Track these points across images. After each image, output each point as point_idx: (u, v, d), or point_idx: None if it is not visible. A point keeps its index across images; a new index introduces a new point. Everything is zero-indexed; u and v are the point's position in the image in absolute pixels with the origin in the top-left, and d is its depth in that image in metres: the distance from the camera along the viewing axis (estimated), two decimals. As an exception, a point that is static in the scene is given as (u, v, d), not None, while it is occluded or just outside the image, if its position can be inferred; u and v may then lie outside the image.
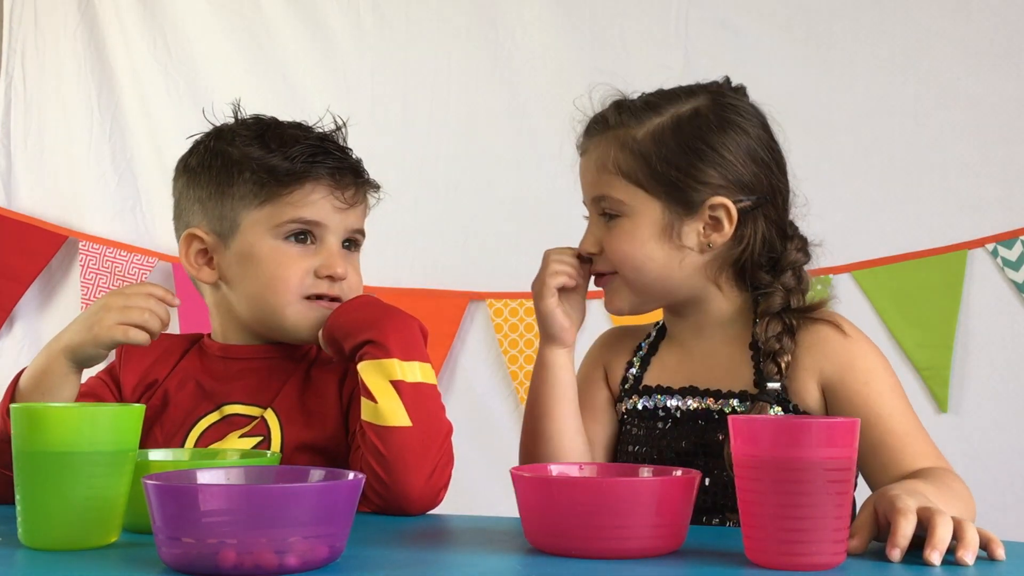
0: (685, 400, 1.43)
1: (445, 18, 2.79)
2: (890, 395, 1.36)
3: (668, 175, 1.38)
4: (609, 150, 1.41)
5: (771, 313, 1.39)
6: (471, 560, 1.05)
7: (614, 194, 1.40)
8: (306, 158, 1.45)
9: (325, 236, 1.47)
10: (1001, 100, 2.51)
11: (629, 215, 1.40)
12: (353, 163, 1.52)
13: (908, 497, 1.03)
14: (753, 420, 1.02)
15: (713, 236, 1.40)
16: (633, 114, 1.42)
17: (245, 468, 1.07)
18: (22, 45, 2.97)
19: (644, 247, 1.40)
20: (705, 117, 1.41)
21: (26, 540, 1.07)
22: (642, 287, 1.42)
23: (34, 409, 1.09)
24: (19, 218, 2.91)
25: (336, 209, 1.47)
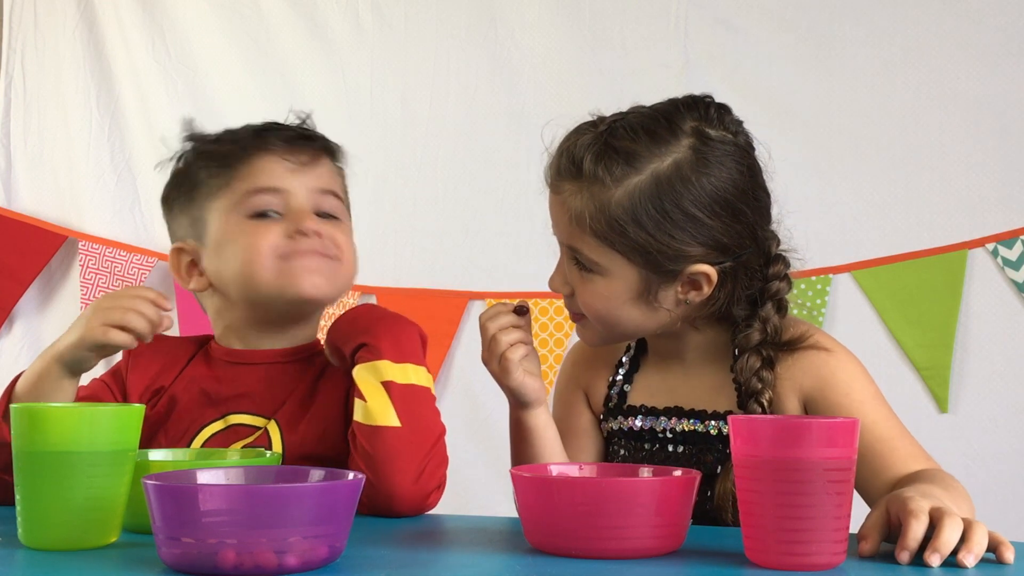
0: (671, 421, 1.41)
1: (445, 18, 2.79)
2: (872, 403, 1.34)
3: (647, 246, 1.29)
4: (583, 205, 1.31)
5: (749, 348, 1.35)
6: (471, 560, 1.05)
7: (588, 253, 1.32)
8: (252, 133, 1.47)
9: (289, 202, 1.43)
10: (1001, 100, 2.51)
11: (603, 275, 1.32)
12: (304, 130, 1.51)
13: (922, 499, 1.02)
14: (753, 420, 1.02)
15: (691, 294, 1.33)
16: (609, 168, 1.29)
17: (245, 468, 1.07)
18: (22, 45, 2.97)
19: (619, 308, 1.33)
20: (686, 176, 1.29)
21: (26, 540, 1.07)
22: (619, 334, 1.39)
23: (34, 409, 1.09)
24: (19, 218, 2.91)
25: (290, 171, 1.44)
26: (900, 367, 2.52)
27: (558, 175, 1.36)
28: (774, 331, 1.35)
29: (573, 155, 1.34)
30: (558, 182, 1.36)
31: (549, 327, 2.66)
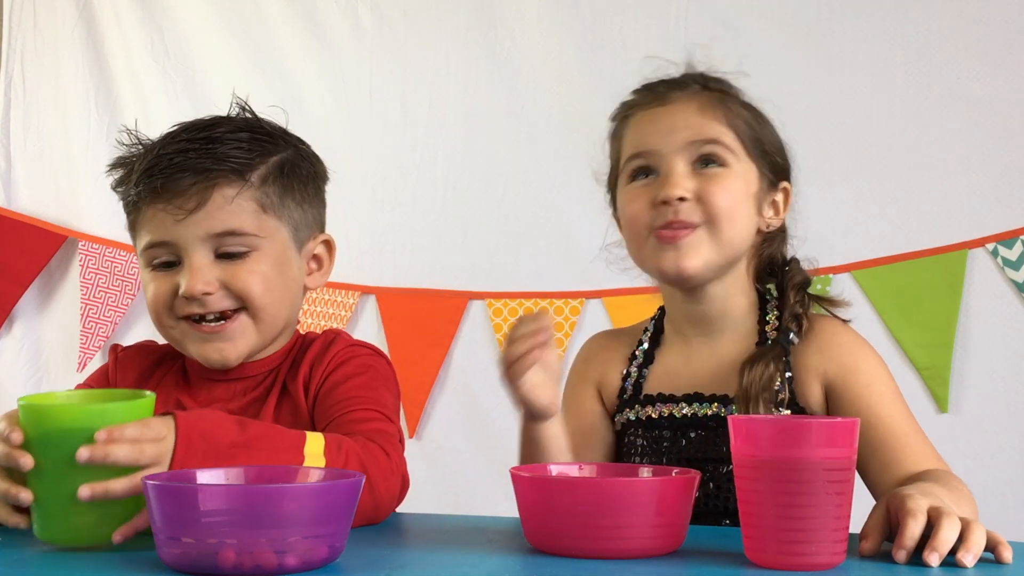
0: (691, 407, 1.41)
1: (444, 18, 2.79)
2: (891, 398, 1.37)
3: (767, 144, 1.44)
4: (715, 103, 1.43)
5: (795, 284, 1.44)
6: (471, 560, 1.05)
7: (727, 141, 1.41)
8: (135, 184, 1.33)
9: (184, 255, 1.31)
10: (1001, 100, 2.51)
11: (733, 167, 1.40)
12: (194, 163, 1.31)
13: (921, 497, 1.02)
14: (753, 420, 1.02)
15: (772, 219, 1.45)
16: (722, 82, 1.48)
17: (244, 468, 1.06)
18: (22, 45, 2.98)
19: (743, 204, 1.40)
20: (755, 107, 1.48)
21: (41, 535, 1.07)
22: (726, 244, 1.39)
23: (39, 406, 1.08)
24: (18, 218, 2.91)
25: (176, 221, 1.30)
26: (900, 367, 2.52)
27: (667, 89, 1.46)
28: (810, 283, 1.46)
29: (684, 77, 1.48)
30: (671, 94, 1.45)
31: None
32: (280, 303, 1.35)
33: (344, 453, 1.18)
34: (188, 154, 1.31)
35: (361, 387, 1.34)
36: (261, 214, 1.33)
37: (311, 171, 1.41)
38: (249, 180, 1.32)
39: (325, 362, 1.36)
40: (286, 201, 1.35)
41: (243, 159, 1.32)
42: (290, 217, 1.36)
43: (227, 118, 1.40)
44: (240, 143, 1.33)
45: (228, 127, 1.36)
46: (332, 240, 1.44)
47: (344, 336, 1.41)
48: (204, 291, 1.29)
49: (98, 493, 1.04)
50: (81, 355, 2.85)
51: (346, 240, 2.75)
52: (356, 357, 1.37)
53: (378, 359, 1.40)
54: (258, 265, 1.32)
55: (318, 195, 1.43)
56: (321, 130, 2.80)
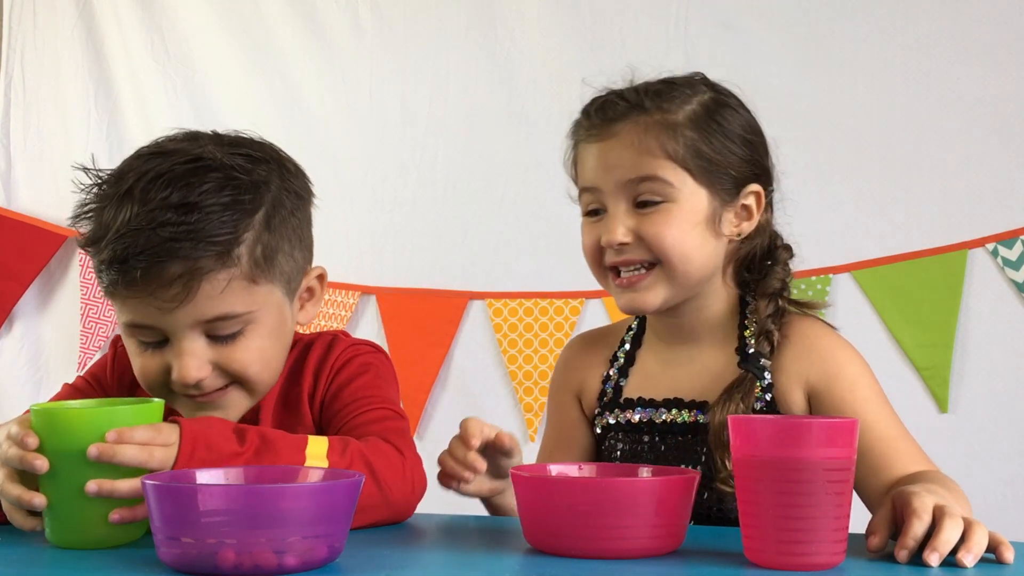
0: (671, 412, 1.40)
1: (444, 18, 2.79)
2: (876, 401, 1.35)
3: (716, 162, 1.36)
4: (651, 132, 1.35)
5: (768, 293, 1.39)
6: (471, 560, 1.05)
7: (664, 176, 1.34)
8: (107, 266, 1.19)
9: (172, 338, 1.22)
10: (1001, 100, 2.51)
11: (676, 200, 1.34)
12: (175, 249, 1.16)
13: (927, 495, 1.02)
14: (753, 420, 1.02)
15: (743, 225, 1.39)
16: (665, 98, 1.38)
17: (244, 468, 1.06)
18: (22, 45, 2.98)
19: (691, 236, 1.35)
20: (724, 103, 1.42)
21: (54, 539, 1.08)
22: (683, 278, 1.36)
23: (52, 410, 1.09)
24: (18, 218, 2.91)
25: (161, 311, 1.19)
26: (900, 367, 2.52)
27: (608, 121, 1.38)
28: (787, 291, 1.41)
29: (623, 98, 1.40)
30: (608, 127, 1.38)
31: (549, 327, 2.66)
32: (276, 368, 1.30)
33: (349, 455, 1.17)
34: (169, 243, 1.16)
35: (366, 387, 1.33)
36: (252, 287, 1.22)
37: (296, 205, 1.30)
38: (236, 257, 1.20)
39: (328, 368, 1.34)
40: (276, 259, 1.24)
41: (228, 234, 1.19)
42: (281, 273, 1.26)
43: (202, 166, 1.21)
44: (223, 209, 1.19)
45: (207, 184, 1.19)
46: (324, 273, 1.36)
47: (341, 337, 1.40)
48: (198, 378, 1.21)
49: (104, 490, 1.04)
50: (81, 355, 2.85)
51: (346, 240, 2.79)
52: (356, 357, 1.36)
53: (377, 355, 1.39)
54: (253, 341, 1.24)
55: (306, 227, 1.33)
56: (321, 130, 2.82)
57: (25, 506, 1.08)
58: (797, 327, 1.39)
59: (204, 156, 1.22)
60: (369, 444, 1.21)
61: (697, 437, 1.37)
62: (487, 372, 2.72)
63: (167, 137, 1.30)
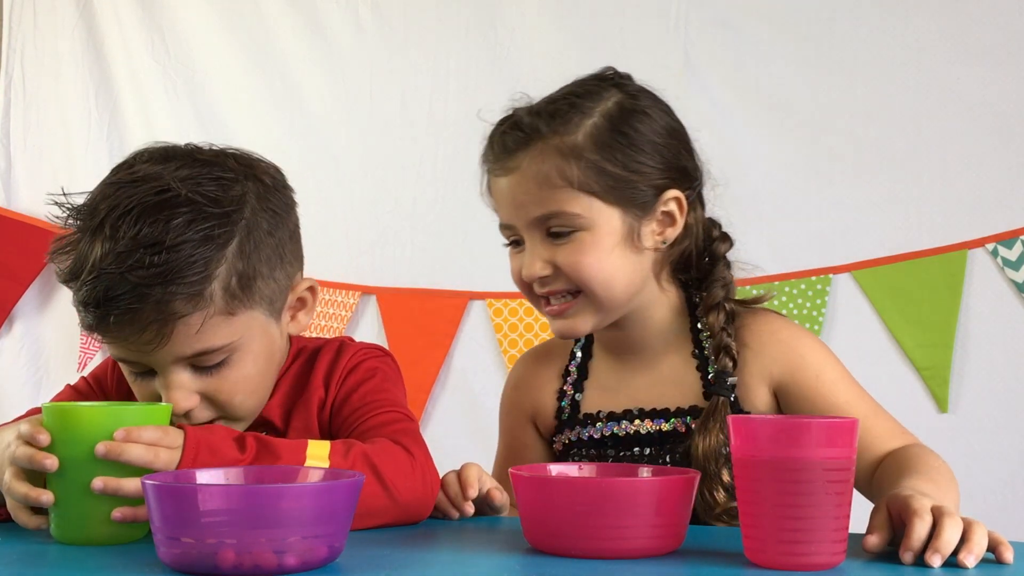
0: (634, 424, 1.38)
1: (445, 18, 2.79)
2: (844, 383, 1.34)
3: (623, 178, 1.30)
4: (550, 162, 1.30)
5: (714, 305, 1.36)
6: (471, 560, 1.05)
7: (570, 209, 1.29)
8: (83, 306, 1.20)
9: (160, 374, 1.22)
10: (1001, 100, 2.51)
11: (588, 228, 1.30)
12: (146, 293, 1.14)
13: (923, 497, 1.02)
14: (753, 420, 1.02)
15: (667, 232, 1.35)
16: (563, 119, 1.31)
17: (244, 468, 1.06)
18: (22, 45, 2.98)
19: (609, 259, 1.31)
20: (631, 109, 1.34)
21: (59, 536, 1.08)
22: (609, 302, 1.33)
23: (64, 408, 1.11)
24: (19, 218, 2.91)
25: (141, 352, 1.19)
26: (900, 367, 2.52)
27: (507, 153, 1.33)
28: (731, 290, 1.38)
29: (520, 126, 1.33)
30: (509, 160, 1.33)
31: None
32: (263, 394, 1.29)
33: (351, 457, 1.17)
34: (139, 288, 1.14)
35: (375, 391, 1.32)
36: (230, 319, 1.20)
37: (274, 224, 1.26)
38: (210, 296, 1.18)
39: (337, 375, 1.34)
40: (254, 286, 1.22)
41: (198, 273, 1.16)
42: (262, 297, 1.24)
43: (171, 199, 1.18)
44: (193, 247, 1.16)
45: (176, 219, 1.16)
46: (315, 285, 1.34)
47: (348, 343, 1.39)
48: (187, 408, 1.21)
49: (110, 488, 1.05)
50: (81, 355, 2.85)
51: (346, 240, 2.79)
52: (364, 361, 1.36)
53: (384, 359, 1.39)
54: (240, 371, 1.23)
55: (288, 243, 1.29)
56: (321, 130, 2.81)
57: (32, 503, 1.09)
58: (753, 326, 1.37)
59: (172, 187, 1.18)
60: (375, 445, 1.21)
61: (664, 447, 1.36)
62: (487, 372, 2.72)
63: (140, 154, 1.27)
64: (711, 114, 2.63)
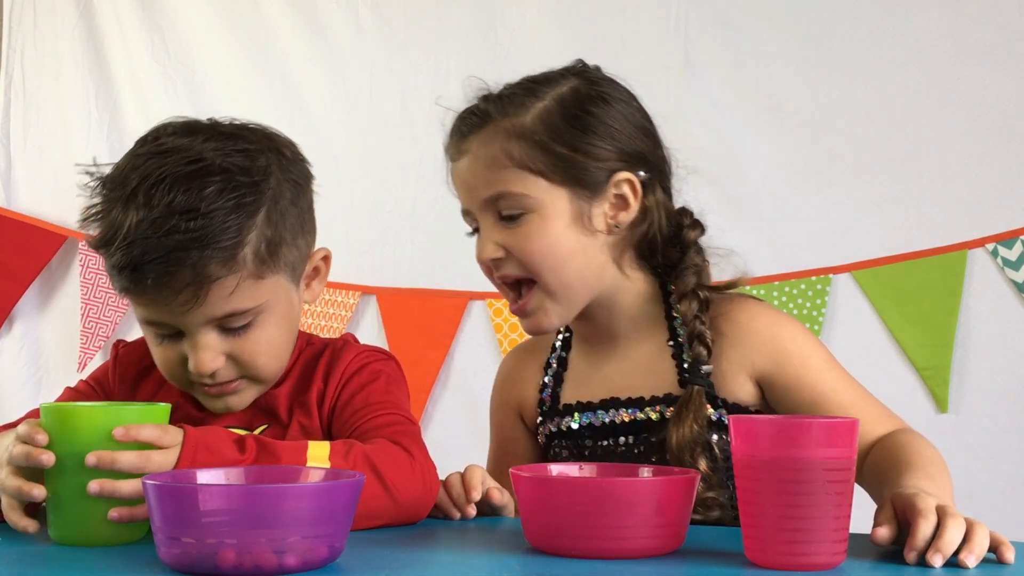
0: (610, 414, 1.38)
1: (445, 18, 2.79)
2: (829, 370, 1.33)
3: (569, 158, 1.31)
4: (498, 143, 1.32)
5: (687, 292, 1.35)
6: (471, 560, 1.05)
7: (516, 189, 1.31)
8: (118, 271, 1.23)
9: (187, 333, 1.25)
10: (1001, 100, 2.51)
11: (536, 209, 1.31)
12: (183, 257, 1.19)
13: (927, 496, 1.02)
14: (753, 420, 1.02)
15: (620, 215, 1.34)
16: (513, 102, 1.34)
17: (244, 468, 1.06)
18: (22, 45, 2.98)
19: (559, 241, 1.31)
20: (586, 94, 1.35)
21: (56, 536, 1.08)
22: (565, 288, 1.33)
23: (62, 408, 1.11)
24: (19, 218, 2.91)
25: (173, 313, 1.23)
26: (900, 367, 2.52)
27: (462, 137, 1.36)
28: (705, 276, 1.37)
29: (475, 111, 1.37)
30: (463, 144, 1.36)
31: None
32: (283, 357, 1.33)
33: (352, 458, 1.17)
34: (176, 252, 1.19)
35: (377, 393, 1.33)
36: (259, 282, 1.25)
37: (295, 194, 1.32)
38: (242, 260, 1.22)
39: (338, 374, 1.34)
40: (279, 252, 1.27)
41: (232, 238, 1.21)
42: (286, 263, 1.29)
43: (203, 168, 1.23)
44: (226, 214, 1.21)
45: (209, 188, 1.21)
46: (328, 253, 1.39)
47: (351, 343, 1.40)
48: (213, 369, 1.26)
49: (106, 490, 1.05)
50: (81, 355, 2.85)
51: (346, 240, 2.78)
52: (367, 364, 1.36)
53: (388, 363, 1.39)
54: (264, 332, 1.27)
55: (307, 214, 1.35)
56: (321, 130, 2.81)
57: (24, 498, 1.08)
58: (730, 314, 1.36)
59: (204, 157, 1.24)
60: (375, 446, 1.21)
61: (640, 436, 1.36)
62: (487, 372, 2.70)
63: (164, 128, 1.33)
64: (711, 114, 2.63)
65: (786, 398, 1.33)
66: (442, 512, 1.26)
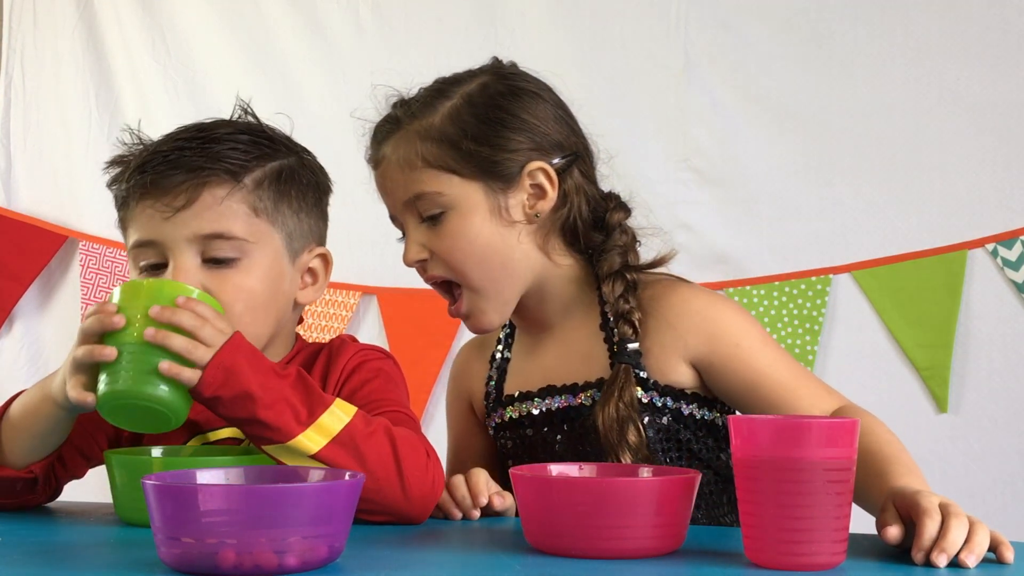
0: (546, 401, 1.38)
1: (445, 18, 2.79)
2: (764, 349, 1.32)
3: (479, 153, 1.33)
4: (410, 146, 1.35)
5: (612, 273, 1.36)
6: (471, 560, 1.05)
7: (430, 188, 1.33)
8: (126, 180, 1.29)
9: (170, 256, 1.27)
10: (1001, 100, 2.51)
11: (453, 207, 1.33)
12: (186, 160, 1.27)
13: (931, 495, 1.02)
14: (753, 420, 1.02)
15: (539, 204, 1.36)
16: (423, 104, 1.37)
17: (245, 468, 1.06)
18: (22, 45, 2.98)
19: (480, 236, 1.33)
20: (495, 88, 1.38)
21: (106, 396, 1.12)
22: (491, 283, 1.35)
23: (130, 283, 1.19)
24: (19, 218, 2.91)
25: (164, 219, 1.26)
26: (900, 367, 2.52)
27: (377, 144, 1.40)
28: (632, 257, 1.38)
29: (388, 118, 1.40)
30: (379, 151, 1.39)
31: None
32: (262, 321, 1.30)
33: (374, 424, 1.17)
34: (183, 152, 1.28)
35: (378, 390, 1.33)
36: (253, 218, 1.28)
37: (312, 181, 1.38)
38: (242, 182, 1.28)
39: (337, 372, 1.34)
40: (281, 207, 1.31)
41: (238, 161, 1.29)
42: (284, 224, 1.32)
43: (230, 121, 1.37)
44: (237, 144, 1.30)
45: (229, 129, 1.33)
46: (329, 255, 1.40)
47: (350, 342, 1.40)
48: None
49: (159, 337, 1.10)
50: (81, 355, 2.85)
51: (347, 240, 2.77)
52: (366, 362, 1.36)
53: (387, 361, 1.39)
54: (247, 278, 1.28)
55: (318, 206, 1.39)
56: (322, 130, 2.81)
57: (97, 358, 1.12)
58: (662, 298, 1.36)
59: (234, 121, 1.36)
60: (400, 429, 1.21)
61: (575, 424, 1.36)
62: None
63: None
64: (711, 114, 2.63)
65: (722, 378, 1.32)
66: (442, 512, 1.26)
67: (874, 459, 1.18)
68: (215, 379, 1.12)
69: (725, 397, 1.35)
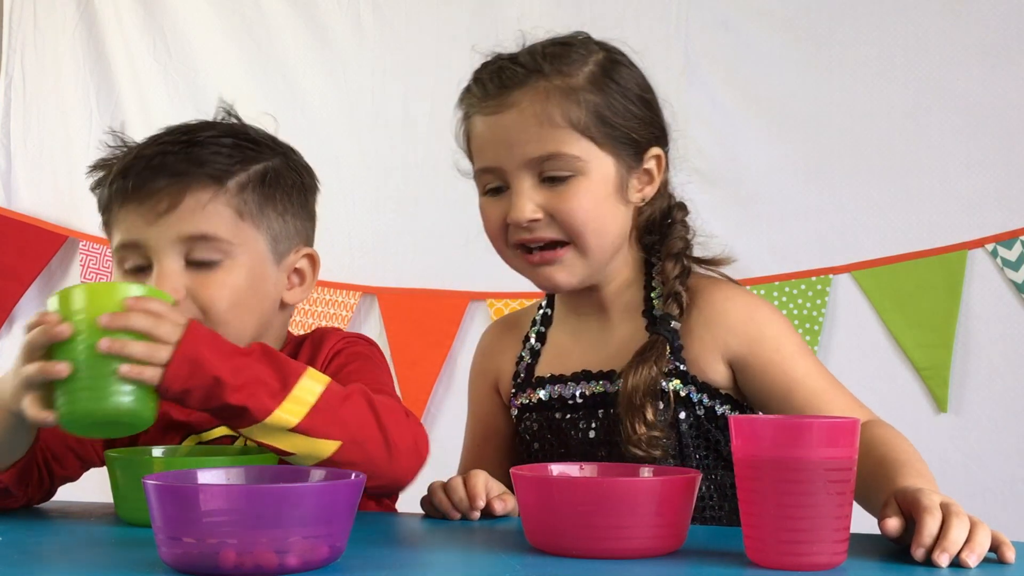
0: (579, 385, 1.37)
1: (446, 18, 2.80)
2: (803, 357, 1.33)
3: (619, 125, 1.31)
4: (553, 100, 1.29)
5: (675, 253, 1.36)
6: (471, 560, 1.05)
7: (569, 151, 1.28)
8: (109, 183, 1.30)
9: (154, 258, 1.27)
10: (1000, 100, 2.51)
11: (584, 173, 1.29)
12: (170, 164, 1.27)
13: (933, 494, 1.02)
14: (753, 420, 1.02)
15: (647, 189, 1.36)
16: (563, 61, 1.31)
17: (245, 468, 1.06)
18: (22, 45, 2.98)
19: (604, 207, 1.31)
20: (619, 62, 1.36)
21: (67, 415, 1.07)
22: (599, 253, 1.33)
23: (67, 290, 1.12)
24: (19, 218, 2.92)
25: (148, 223, 1.26)
26: (900, 367, 2.52)
27: (503, 90, 1.31)
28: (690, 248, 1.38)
29: (520, 62, 1.33)
30: (505, 97, 1.31)
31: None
32: (246, 320, 1.30)
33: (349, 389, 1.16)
34: (166, 156, 1.28)
35: (359, 371, 1.33)
36: (238, 221, 1.28)
37: (297, 182, 1.37)
38: (226, 186, 1.28)
39: (320, 361, 1.35)
40: (266, 210, 1.31)
41: (222, 164, 1.28)
42: (269, 227, 1.31)
43: (214, 123, 1.36)
44: (221, 148, 1.30)
45: (213, 132, 1.32)
46: (316, 255, 1.39)
47: (331, 331, 1.40)
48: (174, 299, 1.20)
49: (115, 347, 1.05)
50: (81, 355, 2.85)
51: (347, 240, 2.79)
52: (347, 348, 1.37)
53: (366, 345, 1.39)
54: (229, 276, 1.28)
55: (304, 207, 1.38)
56: (322, 131, 2.82)
57: (50, 375, 1.07)
58: (706, 293, 1.36)
59: (217, 123, 1.35)
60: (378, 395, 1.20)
61: (606, 410, 1.35)
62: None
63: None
64: (711, 114, 2.63)
65: (757, 381, 1.33)
66: (441, 513, 1.26)
67: (890, 467, 1.19)
68: (181, 372, 1.09)
69: (756, 400, 1.35)
